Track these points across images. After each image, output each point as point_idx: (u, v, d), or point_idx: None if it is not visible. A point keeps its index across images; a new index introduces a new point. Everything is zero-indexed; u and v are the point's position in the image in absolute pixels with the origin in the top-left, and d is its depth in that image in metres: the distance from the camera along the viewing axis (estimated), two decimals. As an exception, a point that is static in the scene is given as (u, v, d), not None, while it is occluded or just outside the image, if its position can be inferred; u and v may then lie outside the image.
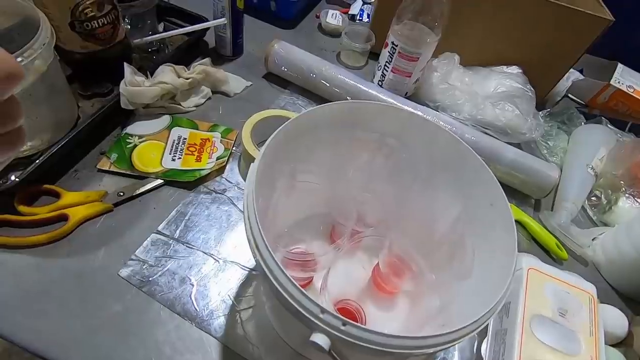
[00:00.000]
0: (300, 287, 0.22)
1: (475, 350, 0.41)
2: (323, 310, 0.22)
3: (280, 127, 0.31)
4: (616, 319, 0.41)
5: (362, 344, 0.22)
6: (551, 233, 0.53)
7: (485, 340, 0.39)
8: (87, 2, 0.45)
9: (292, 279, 0.22)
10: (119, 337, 0.36)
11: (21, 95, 0.39)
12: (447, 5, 0.55)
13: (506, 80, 0.63)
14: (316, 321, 0.22)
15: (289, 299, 0.22)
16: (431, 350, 0.23)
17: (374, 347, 0.22)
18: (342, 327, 0.22)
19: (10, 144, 0.19)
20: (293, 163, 0.36)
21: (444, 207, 0.37)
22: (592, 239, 0.53)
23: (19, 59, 0.36)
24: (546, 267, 0.41)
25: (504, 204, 0.31)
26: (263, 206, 0.31)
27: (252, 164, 0.29)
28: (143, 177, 0.47)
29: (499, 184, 0.32)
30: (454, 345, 0.24)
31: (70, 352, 0.35)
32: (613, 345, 0.40)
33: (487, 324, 0.40)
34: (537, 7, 0.60)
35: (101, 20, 0.47)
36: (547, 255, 0.53)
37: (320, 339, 0.22)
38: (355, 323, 0.22)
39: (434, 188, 0.38)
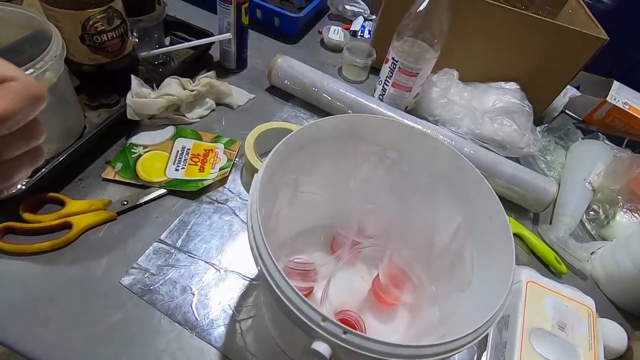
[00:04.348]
0: (302, 295, 0.23)
1: (475, 364, 0.41)
2: (324, 319, 0.22)
3: (284, 139, 0.32)
4: (615, 334, 0.41)
5: (362, 352, 0.22)
6: (550, 247, 0.54)
7: (485, 353, 0.39)
8: (98, 17, 0.46)
9: (294, 287, 0.23)
10: (120, 346, 0.36)
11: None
12: (447, 23, 0.56)
13: (504, 95, 0.65)
14: (317, 329, 0.22)
15: (290, 306, 0.23)
16: (431, 360, 0.23)
17: (374, 355, 0.22)
18: (343, 336, 0.22)
19: (32, 160, 0.20)
20: (295, 174, 0.37)
21: (444, 219, 0.38)
22: (591, 253, 0.53)
23: (31, 70, 0.37)
24: (545, 281, 0.41)
25: (502, 217, 0.31)
26: (265, 216, 0.32)
27: (256, 174, 0.30)
28: (147, 186, 0.48)
29: (497, 197, 0.32)
30: (454, 354, 0.24)
31: (72, 359, 0.35)
32: (613, 360, 0.41)
33: (487, 336, 0.40)
34: (535, 25, 0.62)
35: (110, 34, 0.49)
36: (547, 269, 0.53)
37: (321, 347, 0.23)
38: (356, 331, 0.22)
39: (434, 201, 0.38)
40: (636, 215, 0.56)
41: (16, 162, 0.20)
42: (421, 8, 0.55)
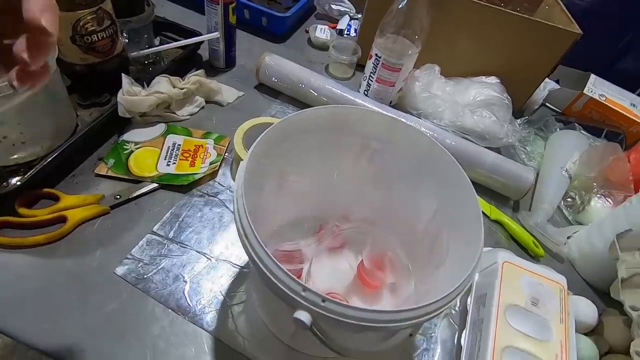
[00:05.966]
0: (284, 268, 0.25)
1: (455, 342, 0.43)
2: (305, 288, 0.24)
3: (269, 128, 0.34)
4: (587, 309, 0.44)
5: (340, 318, 0.24)
6: (529, 232, 0.56)
7: (465, 331, 0.42)
8: (88, 17, 0.48)
9: (276, 260, 0.25)
10: (116, 334, 0.38)
11: (24, 105, 0.42)
12: (427, 20, 0.59)
13: (485, 89, 0.67)
14: (298, 298, 0.24)
15: (272, 278, 0.25)
16: (406, 324, 0.25)
17: (352, 322, 0.24)
18: (322, 304, 0.24)
19: (43, 73, 0.23)
20: (280, 164, 0.39)
21: (423, 204, 0.40)
22: (567, 237, 0.56)
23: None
24: (520, 261, 0.44)
25: (473, 198, 0.33)
26: (252, 205, 0.34)
27: (241, 162, 0.32)
28: (139, 181, 0.49)
29: (469, 180, 0.34)
30: (429, 319, 0.26)
31: (71, 348, 0.36)
32: (585, 334, 0.43)
33: (467, 314, 0.42)
34: (513, 22, 0.65)
35: (100, 34, 0.50)
36: (526, 252, 0.55)
37: (302, 315, 0.24)
38: (334, 299, 0.24)
39: (414, 187, 0.40)
40: (609, 200, 0.58)
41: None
42: (402, 5, 0.58)
